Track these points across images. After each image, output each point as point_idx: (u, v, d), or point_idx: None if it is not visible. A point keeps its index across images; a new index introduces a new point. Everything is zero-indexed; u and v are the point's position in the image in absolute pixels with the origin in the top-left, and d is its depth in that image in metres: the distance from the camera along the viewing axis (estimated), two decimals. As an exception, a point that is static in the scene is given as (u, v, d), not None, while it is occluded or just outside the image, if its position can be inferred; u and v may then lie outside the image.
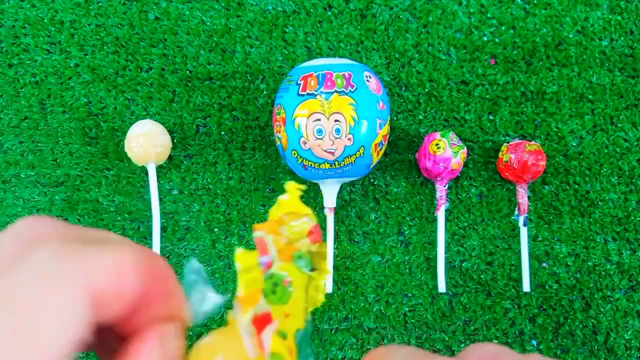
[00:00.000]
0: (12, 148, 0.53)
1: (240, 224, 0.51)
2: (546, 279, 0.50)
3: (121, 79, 0.53)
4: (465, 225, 0.51)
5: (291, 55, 0.52)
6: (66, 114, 0.53)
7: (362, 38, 0.52)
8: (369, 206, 0.51)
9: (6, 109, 0.53)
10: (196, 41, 0.53)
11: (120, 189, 0.52)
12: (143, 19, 0.53)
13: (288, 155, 0.45)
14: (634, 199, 0.50)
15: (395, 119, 0.52)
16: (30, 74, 0.53)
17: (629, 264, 0.50)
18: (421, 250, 0.50)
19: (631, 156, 0.50)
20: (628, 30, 0.51)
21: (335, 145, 0.43)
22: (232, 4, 0.53)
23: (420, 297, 0.50)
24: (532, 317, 0.50)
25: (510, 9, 0.52)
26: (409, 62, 0.52)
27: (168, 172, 0.52)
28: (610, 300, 0.49)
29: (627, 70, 0.51)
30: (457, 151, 0.47)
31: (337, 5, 0.52)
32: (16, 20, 0.53)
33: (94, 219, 0.52)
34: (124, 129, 0.52)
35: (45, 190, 0.52)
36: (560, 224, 0.50)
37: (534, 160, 0.47)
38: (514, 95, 0.51)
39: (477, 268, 0.50)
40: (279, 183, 0.52)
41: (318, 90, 0.43)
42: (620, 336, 0.49)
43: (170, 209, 0.52)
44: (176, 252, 0.51)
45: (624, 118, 0.51)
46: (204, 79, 0.52)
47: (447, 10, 0.52)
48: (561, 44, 0.51)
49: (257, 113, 0.52)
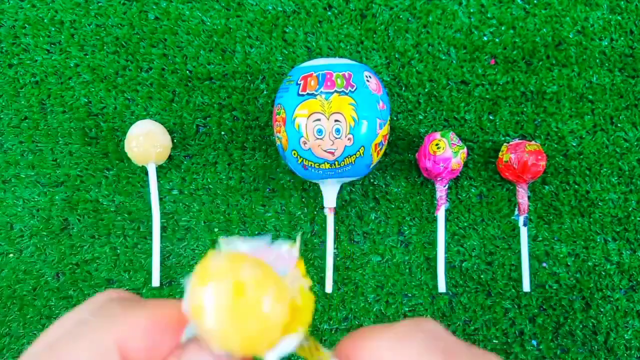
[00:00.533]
0: (12, 148, 0.53)
1: (240, 224, 0.51)
2: (546, 279, 0.50)
3: (121, 79, 0.53)
4: (465, 225, 0.51)
5: (291, 55, 0.52)
6: (66, 114, 0.53)
7: (362, 38, 0.52)
8: (369, 206, 0.51)
9: (6, 109, 0.53)
10: (196, 41, 0.53)
11: (120, 189, 0.52)
12: (143, 19, 0.53)
13: (288, 155, 0.45)
14: (634, 199, 0.50)
15: (395, 119, 0.52)
16: (30, 74, 0.53)
17: (629, 264, 0.50)
18: (421, 250, 0.50)
19: (631, 156, 0.50)
20: (628, 30, 0.51)
21: (335, 145, 0.43)
22: (232, 4, 0.53)
23: (420, 297, 0.50)
24: (532, 317, 0.50)
25: (510, 9, 0.52)
26: (409, 62, 0.52)
27: (168, 172, 0.52)
28: (610, 300, 0.49)
29: (627, 70, 0.51)
30: (457, 151, 0.47)
31: (337, 5, 0.52)
32: (16, 20, 0.53)
33: (94, 219, 0.52)
34: (124, 129, 0.52)
35: (45, 190, 0.52)
36: (560, 224, 0.50)
37: (534, 160, 0.47)
38: (514, 95, 0.51)
39: (477, 268, 0.50)
40: (279, 183, 0.52)
41: (318, 90, 0.43)
42: (620, 336, 0.49)
43: (170, 209, 0.52)
44: (176, 252, 0.51)
45: (624, 118, 0.51)
46: (204, 79, 0.52)
47: (447, 10, 0.52)
48: (561, 44, 0.51)
49: (257, 113, 0.52)
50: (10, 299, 0.51)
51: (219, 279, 0.17)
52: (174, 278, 0.51)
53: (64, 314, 0.21)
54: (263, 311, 0.17)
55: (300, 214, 0.51)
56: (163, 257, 0.51)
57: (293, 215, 0.51)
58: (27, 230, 0.52)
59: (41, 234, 0.52)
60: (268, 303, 0.18)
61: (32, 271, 0.51)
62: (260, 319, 0.17)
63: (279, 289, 0.18)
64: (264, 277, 0.18)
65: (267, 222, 0.51)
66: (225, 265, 0.18)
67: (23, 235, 0.52)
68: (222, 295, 0.17)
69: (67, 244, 0.51)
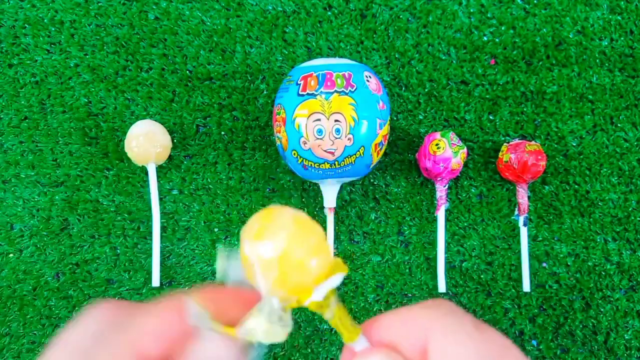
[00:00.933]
0: (12, 148, 0.53)
1: (240, 224, 0.51)
2: (546, 279, 0.50)
3: (121, 79, 0.53)
4: (465, 225, 0.51)
5: (291, 55, 0.52)
6: (66, 114, 0.53)
7: (362, 38, 0.52)
8: (369, 206, 0.51)
9: (6, 109, 0.53)
10: (196, 41, 0.53)
11: (120, 189, 0.52)
12: (143, 19, 0.53)
13: (288, 155, 0.45)
14: (634, 199, 0.50)
15: (395, 119, 0.52)
16: (30, 74, 0.53)
17: (629, 264, 0.50)
18: (421, 250, 0.50)
19: (631, 156, 0.50)
20: (628, 30, 0.51)
21: (335, 145, 0.43)
22: (232, 4, 0.53)
23: (420, 297, 0.50)
24: (532, 317, 0.50)
25: (510, 9, 0.52)
26: (409, 62, 0.52)
27: (168, 172, 0.52)
28: (610, 300, 0.49)
29: (627, 70, 0.51)
30: (457, 151, 0.47)
31: (337, 5, 0.52)
32: (16, 20, 0.53)
33: (94, 219, 0.52)
34: (124, 129, 0.52)
35: (45, 190, 0.52)
36: (560, 224, 0.50)
37: (534, 160, 0.47)
38: (514, 95, 0.51)
39: (477, 268, 0.50)
40: (279, 183, 0.52)
41: (318, 90, 0.43)
42: (620, 336, 0.49)
43: (170, 209, 0.52)
44: (176, 252, 0.51)
45: (624, 118, 0.51)
46: (204, 79, 0.52)
47: (447, 10, 0.52)
48: (561, 44, 0.51)
49: (257, 113, 0.52)
50: (10, 299, 0.51)
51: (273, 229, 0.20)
52: (174, 278, 0.51)
53: (63, 314, 0.22)
54: (311, 249, 0.20)
55: (300, 214, 0.51)
56: (163, 257, 0.51)
57: (293, 215, 0.51)
58: (27, 230, 0.52)
59: (41, 234, 0.52)
60: (315, 241, 0.20)
61: (32, 271, 0.51)
62: (309, 254, 0.20)
63: (320, 236, 0.21)
64: (310, 223, 0.21)
65: (267, 222, 0.51)
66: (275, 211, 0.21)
67: (23, 235, 0.52)
68: (278, 240, 0.20)
69: (67, 244, 0.51)
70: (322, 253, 0.20)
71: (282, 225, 0.20)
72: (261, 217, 0.20)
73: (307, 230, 0.20)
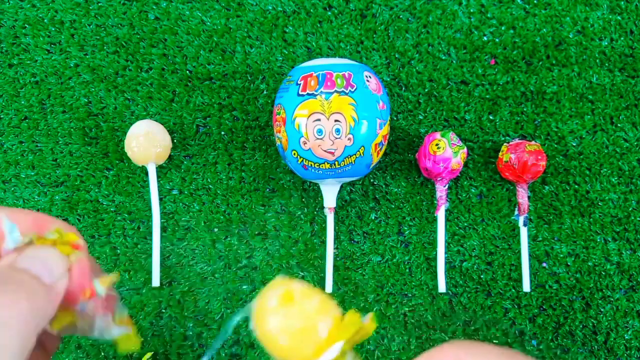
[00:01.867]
0: (12, 148, 0.53)
1: (240, 224, 0.51)
2: (546, 279, 0.50)
3: (121, 79, 0.53)
4: (465, 225, 0.51)
5: (291, 55, 0.52)
6: (66, 114, 0.53)
7: (362, 38, 0.52)
8: (369, 206, 0.51)
9: (6, 109, 0.53)
10: (196, 41, 0.53)
11: (120, 189, 0.52)
12: (143, 19, 0.53)
13: (288, 155, 0.45)
14: (634, 199, 0.50)
15: (395, 119, 0.52)
16: (30, 74, 0.53)
17: (629, 264, 0.50)
18: (421, 250, 0.50)
19: (631, 156, 0.50)
20: (628, 30, 0.51)
21: (335, 145, 0.43)
22: (232, 4, 0.53)
23: (420, 297, 0.50)
24: (532, 317, 0.50)
25: (510, 9, 0.52)
26: (409, 62, 0.52)
27: (168, 172, 0.52)
28: (610, 300, 0.49)
29: (627, 70, 0.51)
30: (457, 151, 0.47)
31: (337, 5, 0.52)
32: (16, 20, 0.53)
33: (94, 219, 0.52)
34: (124, 129, 0.52)
35: (45, 190, 0.52)
36: (560, 224, 0.50)
37: (534, 160, 0.47)
38: (514, 95, 0.51)
39: (477, 268, 0.50)
40: (279, 183, 0.52)
41: (318, 90, 0.43)
42: (620, 336, 0.49)
43: (170, 209, 0.52)
44: (176, 252, 0.51)
45: (624, 118, 0.51)
46: (204, 79, 0.52)
47: (447, 10, 0.52)
48: (561, 44, 0.51)
49: (257, 113, 0.52)
50: (10, 299, 0.51)
51: (272, 288, 0.22)
52: (174, 278, 0.51)
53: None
54: (309, 314, 0.21)
55: (300, 214, 0.51)
56: (163, 257, 0.51)
57: (293, 215, 0.51)
58: (27, 230, 0.52)
59: (41, 234, 0.52)
60: (313, 305, 0.21)
61: (32, 271, 0.51)
62: (307, 319, 0.21)
63: (323, 300, 0.22)
64: (309, 290, 0.22)
65: (267, 222, 0.51)
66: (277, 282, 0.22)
67: (23, 235, 0.52)
68: (274, 300, 0.21)
69: (67, 244, 0.51)
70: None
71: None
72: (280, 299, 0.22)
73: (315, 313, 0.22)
